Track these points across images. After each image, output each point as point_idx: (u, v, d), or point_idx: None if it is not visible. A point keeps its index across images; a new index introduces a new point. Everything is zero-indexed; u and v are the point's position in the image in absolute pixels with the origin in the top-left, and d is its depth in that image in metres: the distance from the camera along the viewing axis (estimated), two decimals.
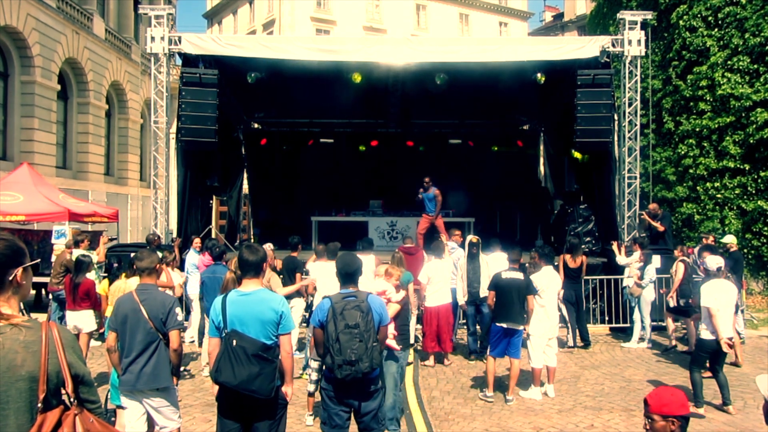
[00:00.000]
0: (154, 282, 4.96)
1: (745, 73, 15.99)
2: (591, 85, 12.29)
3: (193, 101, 12.32)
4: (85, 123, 23.81)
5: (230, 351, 4.10)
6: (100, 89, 24.64)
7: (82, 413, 3.23)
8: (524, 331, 7.73)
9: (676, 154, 17.86)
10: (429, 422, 6.70)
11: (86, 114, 23.84)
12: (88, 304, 8.27)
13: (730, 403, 7.09)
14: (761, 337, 11.17)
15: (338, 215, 17.10)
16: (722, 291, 6.99)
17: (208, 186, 14.67)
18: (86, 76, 23.57)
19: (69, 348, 3.30)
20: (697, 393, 7.08)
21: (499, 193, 19.17)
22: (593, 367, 9.23)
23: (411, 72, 13.26)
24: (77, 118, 23.72)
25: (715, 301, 6.88)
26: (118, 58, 26.15)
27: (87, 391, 3.34)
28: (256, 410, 4.20)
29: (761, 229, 15.40)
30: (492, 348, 7.54)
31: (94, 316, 8.37)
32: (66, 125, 23.38)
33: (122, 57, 26.57)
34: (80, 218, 14.54)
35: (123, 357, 4.67)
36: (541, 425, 6.71)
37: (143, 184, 26.98)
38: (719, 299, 6.91)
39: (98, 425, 3.27)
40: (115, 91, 26.64)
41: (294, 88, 15.00)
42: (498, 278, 7.59)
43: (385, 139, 19.18)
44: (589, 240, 13.68)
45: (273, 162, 19.27)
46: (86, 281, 8.29)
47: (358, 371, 4.34)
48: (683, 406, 3.05)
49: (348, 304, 4.43)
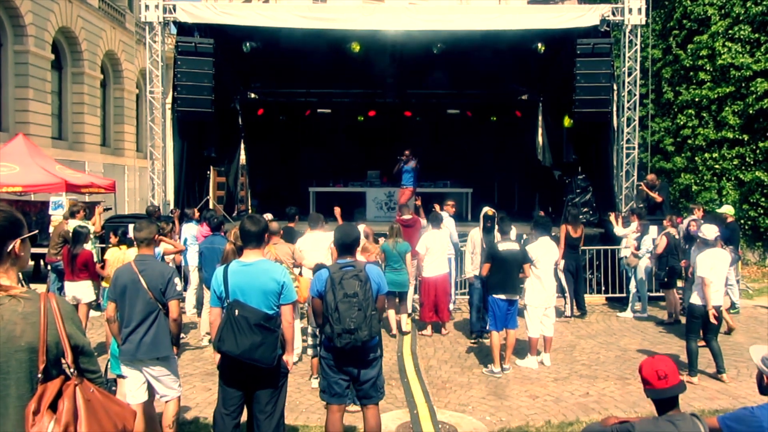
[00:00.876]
0: (152, 253, 4.95)
1: (745, 43, 15.86)
2: (590, 54, 12.18)
3: (189, 71, 12.22)
4: (80, 93, 23.61)
5: (233, 321, 4.13)
6: (94, 59, 24.39)
7: (83, 383, 3.25)
8: (519, 301, 7.77)
9: (674, 124, 17.81)
10: (426, 391, 6.77)
11: (81, 84, 23.63)
12: (87, 275, 8.27)
13: (724, 372, 7.17)
14: (756, 307, 11.25)
15: (336, 186, 17.08)
16: (717, 260, 7.04)
17: (205, 157, 14.61)
18: (80, 45, 23.31)
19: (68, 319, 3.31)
20: (692, 362, 7.14)
21: (497, 164, 19.15)
22: (589, 336, 9.31)
23: (409, 41, 13.12)
24: (72, 89, 23.51)
25: (711, 271, 6.93)
26: (112, 27, 25.82)
27: (87, 361, 3.36)
28: (258, 379, 4.25)
29: (758, 200, 15.42)
30: (492, 322, 7.53)
31: (92, 287, 8.40)
32: (61, 95, 23.19)
33: (116, 26, 26.24)
34: (77, 189, 14.48)
35: (123, 327, 4.69)
36: (537, 393, 6.79)
37: (140, 155, 26.87)
38: (715, 269, 6.96)
39: (99, 395, 3.30)
40: (109, 60, 26.37)
41: (291, 58, 14.86)
42: (495, 250, 7.55)
43: (382, 110, 19.06)
44: (586, 210, 13.67)
45: (270, 132, 19.15)
46: (84, 252, 8.29)
47: (358, 339, 4.37)
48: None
49: (346, 273, 4.45)
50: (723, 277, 7.10)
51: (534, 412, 6.22)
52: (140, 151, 27.57)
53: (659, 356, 3.42)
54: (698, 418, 3.26)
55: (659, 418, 3.29)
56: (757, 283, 13.58)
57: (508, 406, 6.40)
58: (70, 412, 3.07)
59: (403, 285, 9.12)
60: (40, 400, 3.02)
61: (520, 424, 5.89)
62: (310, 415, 6.13)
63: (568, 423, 5.88)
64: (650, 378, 3.27)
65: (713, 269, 6.96)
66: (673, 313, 10.06)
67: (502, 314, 7.47)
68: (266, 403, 4.28)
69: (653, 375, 3.26)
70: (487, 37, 12.75)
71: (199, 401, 6.49)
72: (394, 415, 6.04)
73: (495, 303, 7.48)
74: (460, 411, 6.25)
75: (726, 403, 6.32)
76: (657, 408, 3.31)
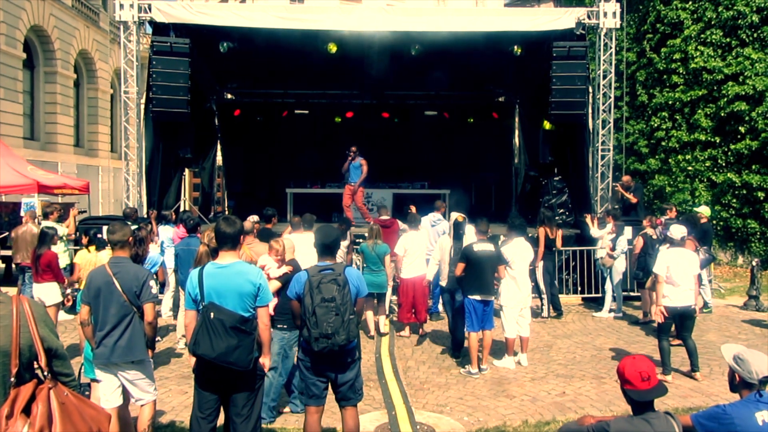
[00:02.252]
0: (127, 255, 4.89)
1: (717, 47, 16.14)
2: (566, 57, 12.31)
3: (165, 71, 12.10)
4: (53, 93, 23.24)
5: (208, 323, 4.09)
6: (67, 58, 24.02)
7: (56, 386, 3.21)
8: (495, 302, 7.81)
9: (648, 126, 18.06)
10: (404, 391, 6.79)
11: (54, 84, 23.26)
12: (51, 276, 8.14)
13: (698, 370, 7.29)
14: (727, 306, 11.45)
15: (313, 187, 17.04)
16: (680, 260, 7.14)
17: (181, 158, 14.46)
18: (53, 44, 22.94)
19: (41, 321, 3.27)
20: (665, 360, 7.25)
21: (474, 166, 19.24)
22: (565, 336, 9.40)
23: (386, 42, 13.12)
24: (44, 88, 23.13)
25: (665, 269, 7.06)
26: (86, 25, 25.45)
27: (60, 365, 3.32)
28: (235, 382, 4.22)
29: (730, 201, 15.70)
30: (469, 324, 7.55)
31: (58, 288, 8.25)
32: (33, 95, 22.80)
33: (90, 25, 25.86)
34: (50, 190, 14.25)
35: (97, 330, 4.62)
36: (514, 393, 6.84)
37: (114, 156, 26.49)
38: (675, 268, 7.06)
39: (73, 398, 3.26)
40: (83, 60, 25.99)
41: (268, 59, 14.80)
42: (469, 250, 7.53)
43: (360, 111, 19.04)
44: (562, 212, 13.83)
45: (247, 133, 19.03)
46: (47, 253, 8.17)
47: (335, 344, 4.36)
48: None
49: (324, 277, 4.43)
50: (689, 276, 7.12)
51: (511, 412, 6.27)
52: (115, 151, 27.20)
53: (639, 356, 3.45)
54: (672, 417, 3.31)
55: (634, 417, 3.33)
56: (729, 282, 13.83)
57: (485, 406, 6.43)
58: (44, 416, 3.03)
59: (382, 286, 9.12)
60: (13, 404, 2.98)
61: (498, 423, 5.93)
62: (288, 417, 6.10)
63: (545, 422, 5.93)
64: (633, 379, 3.29)
65: (670, 268, 7.07)
66: (648, 313, 10.19)
67: (479, 315, 7.50)
68: (243, 406, 4.25)
69: (636, 376, 3.28)
70: (463, 39, 12.82)
71: (174, 405, 6.43)
72: (372, 417, 6.05)
73: (470, 304, 7.50)
74: (438, 411, 6.27)
75: (699, 401, 6.42)
76: (634, 408, 3.34)
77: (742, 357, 3.44)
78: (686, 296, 7.11)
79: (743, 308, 11.12)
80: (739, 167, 15.61)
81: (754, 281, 11.17)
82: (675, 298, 7.10)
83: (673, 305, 7.10)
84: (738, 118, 15.52)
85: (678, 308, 7.11)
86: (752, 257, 14.14)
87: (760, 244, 15.37)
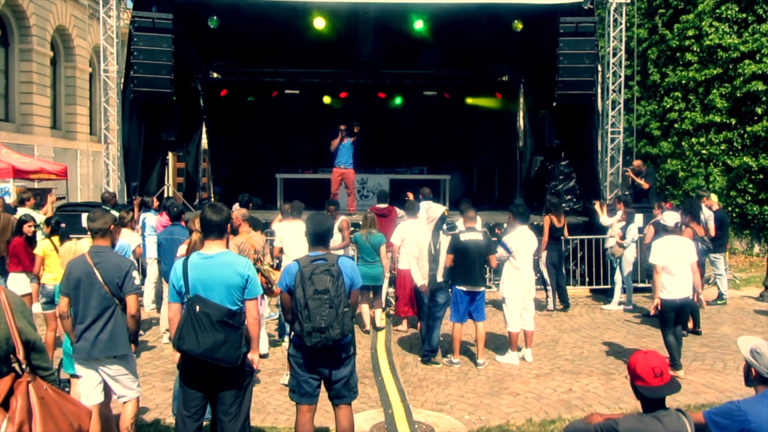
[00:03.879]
0: (108, 244, 4.87)
1: (733, 23, 16.09)
2: (574, 33, 12.23)
3: (146, 48, 11.99)
4: (29, 71, 23.07)
5: (193, 317, 4.07)
6: (43, 34, 23.82)
7: (35, 380, 3.22)
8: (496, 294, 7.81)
9: (661, 107, 18.03)
10: (402, 389, 6.79)
11: (29, 62, 23.08)
12: (17, 266, 8.03)
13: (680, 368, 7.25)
14: (743, 297, 11.50)
15: (305, 172, 16.98)
16: (674, 248, 7.15)
17: (164, 141, 14.38)
18: (28, 20, 22.73)
19: (18, 313, 3.27)
20: (674, 355, 7.20)
21: (476, 149, 19.19)
22: (572, 330, 9.43)
23: (381, 15, 13.02)
24: (19, 66, 22.95)
25: (662, 258, 7.07)
26: (63, 0, 25.25)
27: (39, 358, 3.33)
28: (222, 379, 4.21)
29: (746, 187, 15.71)
30: (453, 314, 7.59)
31: (27, 279, 8.14)
32: (7, 74, 22.64)
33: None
34: (25, 175, 14.23)
35: (77, 323, 4.61)
36: (517, 390, 6.86)
37: (93, 139, 26.39)
38: (667, 256, 7.08)
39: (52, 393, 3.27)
40: (60, 36, 25.78)
41: (256, 35, 14.67)
42: (456, 240, 7.53)
43: (355, 91, 18.94)
44: (570, 198, 13.82)
45: (234, 115, 18.92)
46: (14, 240, 8.08)
47: (329, 338, 4.34)
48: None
49: (317, 268, 4.40)
50: (685, 266, 7.12)
51: (515, 410, 6.29)
52: (94, 134, 27.08)
53: (651, 351, 3.46)
54: (684, 414, 3.32)
55: (644, 415, 3.34)
56: (745, 272, 13.86)
57: (487, 404, 6.45)
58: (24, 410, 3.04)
59: (377, 278, 9.12)
60: None
61: (501, 422, 5.95)
62: (279, 416, 6.11)
63: (551, 421, 5.96)
64: (645, 375, 3.29)
65: (667, 257, 7.07)
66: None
67: (464, 306, 7.53)
68: (230, 404, 4.24)
69: (649, 372, 3.29)
70: (463, 11, 12.71)
71: (158, 402, 6.43)
72: (368, 415, 6.06)
73: (457, 294, 7.54)
74: (437, 410, 6.29)
75: (712, 398, 6.45)
76: (644, 405, 3.36)
77: (759, 350, 3.44)
78: (685, 287, 7.12)
79: (759, 299, 11.17)
80: (756, 150, 15.61)
81: None
82: (673, 291, 7.09)
83: (671, 298, 7.10)
84: (755, 99, 15.50)
85: (677, 301, 7.12)
86: None
87: None
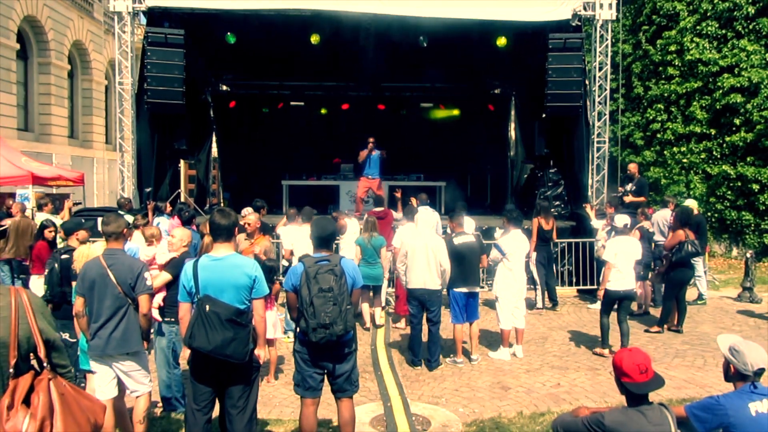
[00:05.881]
0: (121, 247, 4.88)
1: (713, 38, 16.15)
2: (562, 48, 12.28)
3: (159, 62, 12.03)
4: (47, 84, 23.10)
5: (204, 316, 4.09)
6: (61, 49, 23.87)
7: (56, 378, 3.22)
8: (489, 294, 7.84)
9: (644, 118, 18.08)
10: (400, 383, 6.80)
11: (48, 74, 23.12)
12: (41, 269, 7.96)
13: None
14: (722, 297, 11.50)
15: (309, 179, 17.01)
16: (625, 247, 7.77)
17: (176, 149, 14.41)
18: (46, 35, 22.79)
19: (39, 313, 3.27)
20: (604, 336, 7.97)
21: (470, 157, 19.24)
22: (560, 328, 9.43)
23: (381, 30, 13.02)
24: (38, 79, 22.99)
25: (614, 256, 7.68)
26: (79, 16, 25.28)
27: (58, 356, 3.33)
28: (230, 374, 4.22)
29: (725, 193, 15.74)
30: (454, 316, 7.60)
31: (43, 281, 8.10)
32: (26, 86, 22.66)
33: (84, 15, 25.69)
34: (44, 182, 14.20)
35: (91, 322, 4.62)
36: (509, 384, 6.86)
37: (109, 147, 26.41)
38: (619, 255, 7.68)
39: (71, 389, 3.27)
40: (77, 51, 25.84)
41: (263, 50, 14.73)
42: (451, 245, 7.51)
43: (356, 103, 19.01)
44: (558, 204, 13.83)
45: (242, 125, 18.99)
46: (37, 244, 8.07)
47: (333, 334, 4.36)
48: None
49: (321, 268, 4.43)
50: (631, 263, 7.76)
51: (506, 404, 6.29)
52: (110, 143, 27.10)
53: (635, 349, 3.47)
54: (666, 408, 3.33)
55: (629, 409, 3.35)
56: (723, 274, 13.87)
57: (480, 398, 6.46)
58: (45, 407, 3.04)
59: (378, 279, 9.13)
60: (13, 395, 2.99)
61: (493, 415, 5.95)
62: (284, 408, 6.12)
63: (540, 414, 5.96)
64: (631, 372, 3.30)
65: (617, 255, 7.67)
66: (643, 305, 10.25)
67: (463, 307, 7.54)
68: (238, 397, 4.27)
69: (634, 369, 3.30)
70: (457, 27, 12.69)
71: None
72: (368, 408, 6.06)
73: (455, 297, 7.53)
74: (433, 403, 6.29)
75: (693, 392, 6.45)
76: (629, 399, 3.36)
77: (738, 348, 3.46)
78: (628, 281, 7.78)
79: (737, 300, 11.17)
80: (734, 159, 15.64)
81: (748, 273, 11.21)
82: (617, 283, 7.73)
83: (615, 289, 7.75)
84: (733, 110, 15.54)
85: (620, 291, 7.77)
86: (746, 249, 14.20)
87: (755, 236, 15.43)
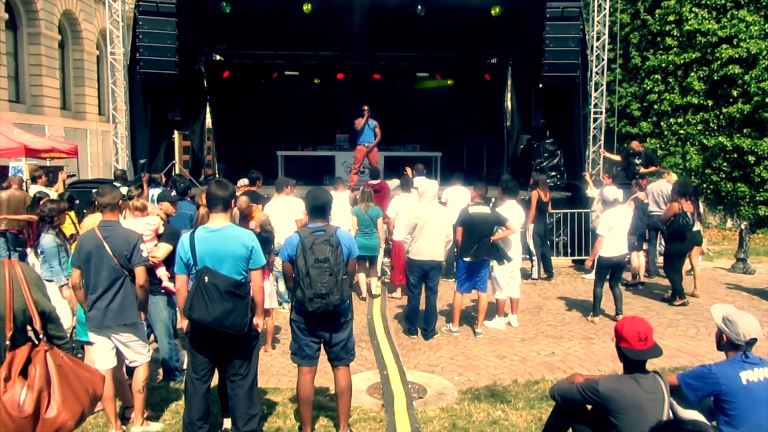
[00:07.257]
0: (116, 218, 4.87)
1: (712, 8, 16.01)
2: (560, 18, 12.15)
3: (151, 31, 11.86)
4: (38, 54, 22.81)
5: (203, 288, 4.10)
6: (51, 18, 23.52)
7: (52, 349, 3.23)
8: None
9: (641, 89, 17.99)
10: (396, 352, 6.87)
11: (38, 45, 22.82)
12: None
13: (621, 314, 8.04)
14: (715, 269, 11.59)
15: (304, 150, 16.91)
16: (619, 217, 7.95)
17: (170, 120, 14.29)
18: (35, 4, 22.43)
19: (33, 285, 3.28)
20: (596, 305, 8.22)
21: (466, 128, 19.15)
22: (555, 297, 9.51)
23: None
24: (28, 50, 22.69)
25: (608, 230, 7.85)
26: None
27: (54, 328, 3.35)
28: (229, 345, 4.27)
29: (721, 165, 15.76)
30: (459, 284, 7.63)
31: None
32: (17, 57, 22.38)
33: None
34: (37, 154, 14.11)
35: (89, 294, 4.63)
36: (504, 353, 6.94)
37: (102, 118, 26.19)
38: (612, 227, 7.85)
39: (68, 360, 3.29)
40: (67, 20, 25.46)
41: (257, 19, 14.51)
42: (466, 213, 7.59)
43: (351, 72, 18.81)
44: (554, 174, 13.83)
45: (237, 95, 18.79)
46: None
47: (329, 304, 4.38)
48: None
49: (317, 238, 4.43)
50: (624, 231, 8.02)
51: (501, 372, 6.37)
52: (102, 114, 26.87)
53: (638, 317, 3.51)
54: (660, 376, 3.38)
55: (623, 376, 3.40)
56: (718, 245, 13.96)
57: (476, 366, 6.53)
58: (42, 378, 3.06)
59: (374, 249, 9.16)
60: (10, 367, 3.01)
61: (488, 383, 6.03)
62: (281, 377, 6.18)
63: (535, 381, 6.04)
64: (630, 338, 3.34)
65: (612, 229, 7.84)
66: (637, 275, 10.33)
67: (466, 277, 7.56)
68: (240, 366, 4.34)
69: (634, 335, 3.34)
70: None
71: None
72: (365, 376, 6.13)
73: (464, 266, 7.56)
74: (429, 371, 6.36)
75: (685, 362, 6.54)
76: (626, 366, 3.41)
77: (731, 318, 3.49)
78: (620, 247, 8.00)
79: (731, 271, 11.27)
80: (731, 131, 15.62)
81: (742, 244, 11.29)
82: (610, 250, 7.91)
83: (608, 256, 7.93)
84: (731, 82, 15.47)
85: (613, 259, 7.97)
86: (741, 220, 14.27)
87: (749, 208, 15.49)
